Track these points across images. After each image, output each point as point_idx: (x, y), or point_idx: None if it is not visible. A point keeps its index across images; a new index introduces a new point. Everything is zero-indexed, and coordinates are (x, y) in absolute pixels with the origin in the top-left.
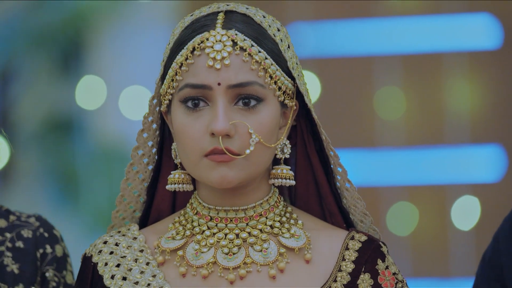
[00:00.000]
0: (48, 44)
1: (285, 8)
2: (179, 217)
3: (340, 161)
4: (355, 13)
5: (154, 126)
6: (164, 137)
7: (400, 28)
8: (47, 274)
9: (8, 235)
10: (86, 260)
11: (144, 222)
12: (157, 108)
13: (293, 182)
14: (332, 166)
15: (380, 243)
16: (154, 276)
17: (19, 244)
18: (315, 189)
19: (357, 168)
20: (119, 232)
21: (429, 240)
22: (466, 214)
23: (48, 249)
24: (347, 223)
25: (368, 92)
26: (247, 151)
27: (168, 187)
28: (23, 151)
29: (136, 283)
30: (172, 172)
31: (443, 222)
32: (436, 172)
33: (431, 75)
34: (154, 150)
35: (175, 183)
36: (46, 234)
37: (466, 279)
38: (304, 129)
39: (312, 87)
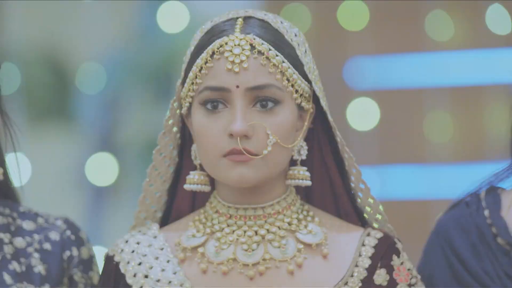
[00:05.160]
0: (147, 77)
1: (347, 43)
2: (199, 216)
3: (355, 163)
4: (409, 48)
5: (175, 129)
6: (185, 139)
7: (447, 63)
8: (75, 277)
9: (36, 237)
10: (109, 260)
11: (165, 221)
12: (178, 111)
13: (309, 183)
14: (347, 167)
15: (395, 239)
16: (175, 273)
17: (47, 246)
18: (330, 189)
19: (410, 182)
20: (140, 231)
21: None
22: None
23: (75, 252)
24: (362, 222)
25: (419, 117)
26: (265, 152)
27: (186, 186)
28: (129, 169)
29: (158, 280)
30: (191, 173)
31: None
32: None
33: (474, 104)
34: (175, 152)
35: (193, 184)
36: (72, 237)
37: None
38: (321, 132)
39: (373, 113)
